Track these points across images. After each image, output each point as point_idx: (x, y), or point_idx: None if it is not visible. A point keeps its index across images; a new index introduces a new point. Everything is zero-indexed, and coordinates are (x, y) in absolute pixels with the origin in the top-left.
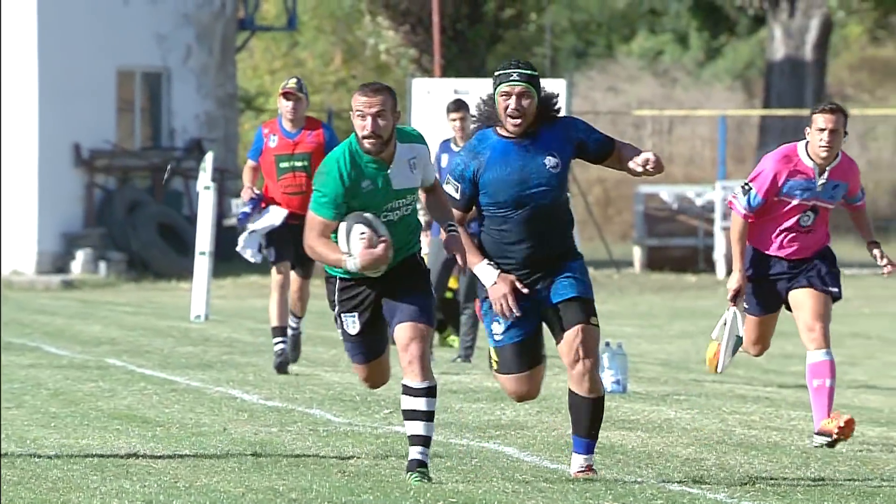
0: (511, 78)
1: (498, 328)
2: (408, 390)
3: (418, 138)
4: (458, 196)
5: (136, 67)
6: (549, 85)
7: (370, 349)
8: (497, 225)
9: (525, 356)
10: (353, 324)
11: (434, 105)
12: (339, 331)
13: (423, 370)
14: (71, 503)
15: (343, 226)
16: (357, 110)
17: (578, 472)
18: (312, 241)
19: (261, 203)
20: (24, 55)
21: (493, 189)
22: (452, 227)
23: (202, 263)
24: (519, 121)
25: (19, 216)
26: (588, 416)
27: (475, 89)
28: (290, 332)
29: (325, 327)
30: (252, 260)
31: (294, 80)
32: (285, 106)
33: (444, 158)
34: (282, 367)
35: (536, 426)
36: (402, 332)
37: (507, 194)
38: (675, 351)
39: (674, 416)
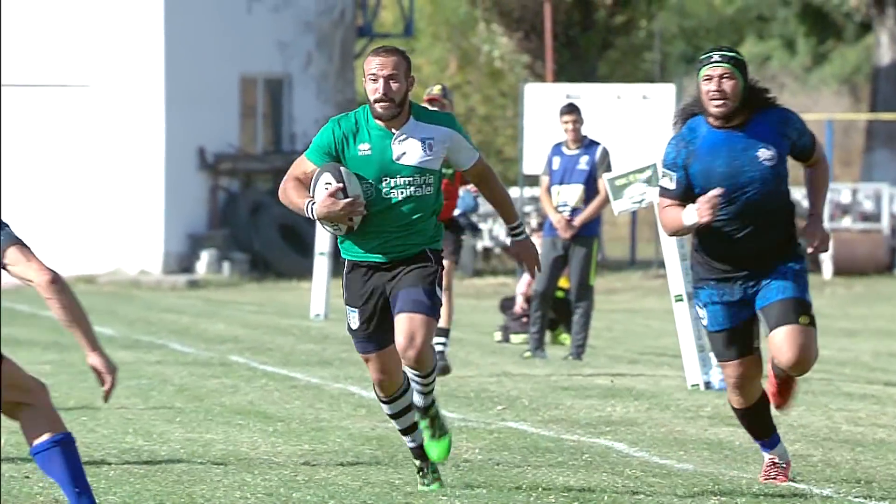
0: (712, 60)
1: (702, 313)
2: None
3: (447, 121)
4: (673, 185)
5: (258, 74)
6: (660, 89)
7: (372, 340)
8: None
9: (732, 345)
10: (353, 318)
11: (546, 109)
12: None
13: (423, 363)
14: (195, 495)
15: (317, 172)
16: (370, 73)
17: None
18: (286, 184)
19: None
20: (152, 63)
21: (702, 181)
22: (515, 230)
23: (321, 263)
24: (720, 102)
25: (147, 218)
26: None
27: (587, 94)
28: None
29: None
30: None
31: (439, 86)
32: None
33: (556, 161)
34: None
35: (646, 422)
36: (401, 323)
37: (717, 187)
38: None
39: (778, 413)
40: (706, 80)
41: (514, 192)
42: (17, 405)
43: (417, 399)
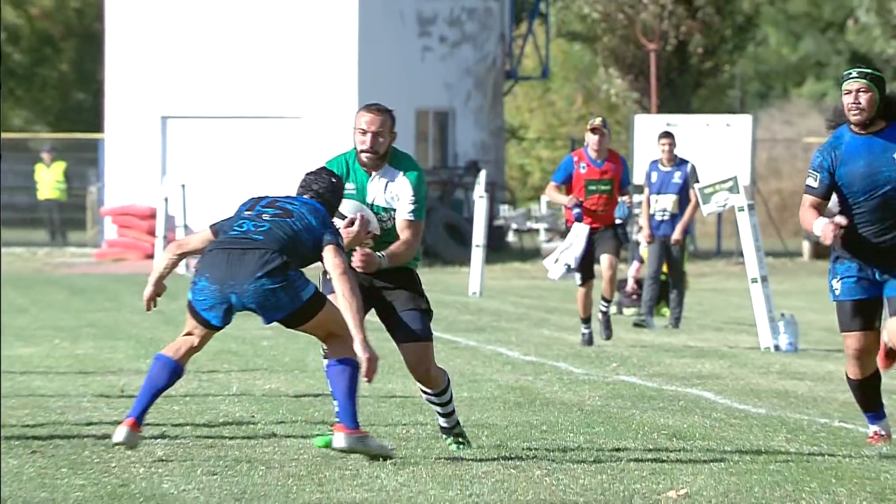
0: (851, 76)
1: (836, 285)
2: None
3: (409, 169)
4: (816, 185)
5: (429, 108)
6: (739, 119)
7: None
8: (852, 213)
9: (857, 316)
10: None
11: (652, 135)
12: None
13: (433, 381)
14: (378, 432)
15: (345, 202)
16: (359, 127)
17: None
18: None
19: (582, 205)
20: (348, 98)
21: (846, 181)
22: (382, 254)
23: (478, 253)
24: (857, 112)
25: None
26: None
27: (682, 123)
28: (600, 315)
29: (570, 300)
30: (555, 279)
31: (599, 118)
32: (592, 139)
33: (654, 175)
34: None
35: (728, 376)
36: (408, 352)
37: (858, 186)
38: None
39: (833, 369)
40: (846, 93)
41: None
42: (332, 334)
43: (441, 422)
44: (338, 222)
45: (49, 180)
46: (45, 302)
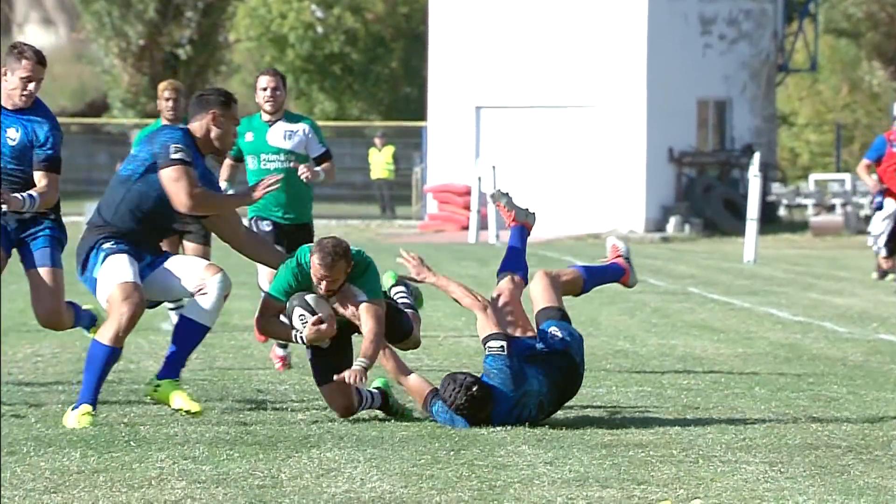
0: None
1: None
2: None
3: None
4: None
5: (709, 97)
6: None
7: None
8: None
9: None
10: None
11: None
12: None
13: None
14: (665, 375)
15: (288, 306)
16: (314, 275)
17: None
18: (262, 321)
19: (883, 193)
20: (637, 90)
21: None
22: None
23: (752, 225)
24: None
25: (633, 195)
26: None
27: None
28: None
29: (836, 268)
30: (871, 244)
31: None
32: None
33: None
34: None
35: None
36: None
37: None
38: None
39: None
40: None
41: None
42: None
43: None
44: (297, 322)
45: (380, 162)
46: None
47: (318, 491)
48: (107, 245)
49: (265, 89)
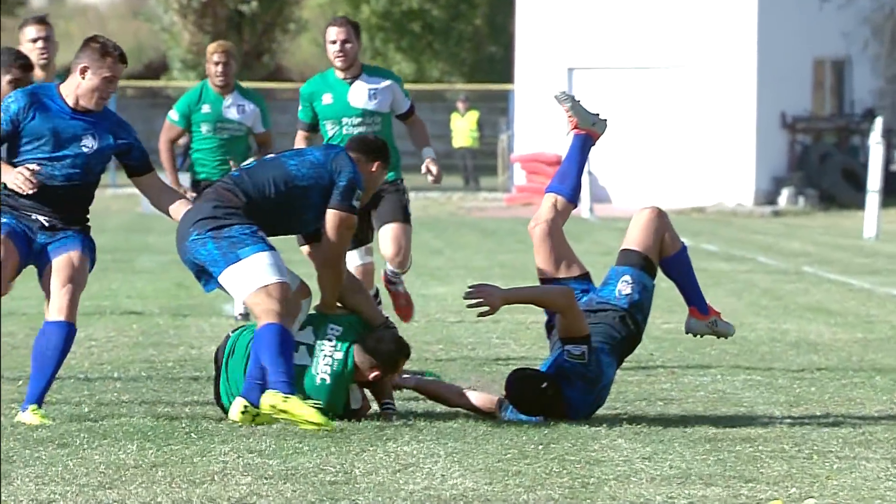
0: None
1: None
2: None
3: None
4: None
5: (826, 57)
6: None
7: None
8: None
9: None
10: None
11: None
12: None
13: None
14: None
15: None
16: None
17: None
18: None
19: None
20: (746, 49)
21: None
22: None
23: (873, 198)
24: None
25: (742, 165)
26: None
27: None
28: None
29: None
30: None
31: None
32: None
33: None
34: None
35: None
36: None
37: None
38: None
39: None
40: None
41: None
42: None
43: None
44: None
45: (463, 128)
46: (459, 243)
47: (395, 488)
48: (250, 231)
49: (334, 42)
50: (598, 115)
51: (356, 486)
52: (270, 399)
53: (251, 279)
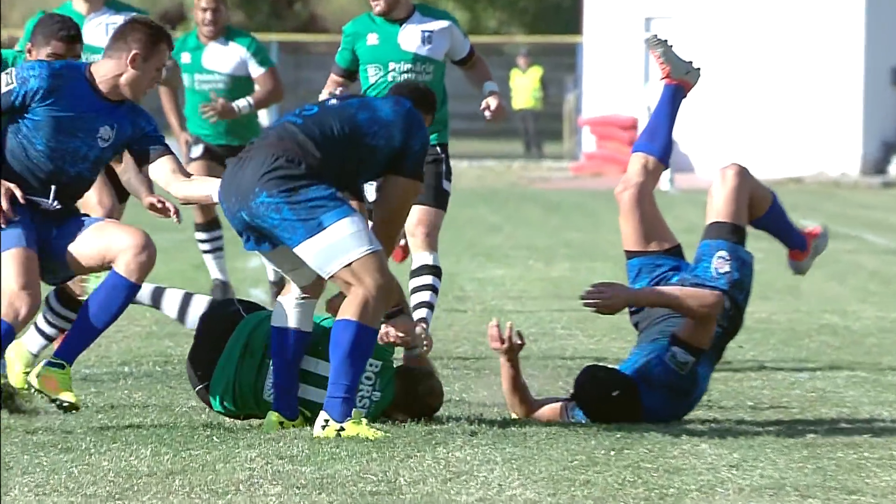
0: None
1: None
2: None
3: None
4: None
5: None
6: None
7: None
8: None
9: None
10: None
11: None
12: None
13: None
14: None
15: None
16: None
17: None
18: None
19: None
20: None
21: None
22: None
23: None
24: None
25: (847, 129)
26: None
27: None
28: None
29: None
30: None
31: None
32: None
33: None
34: None
35: None
36: None
37: None
38: None
39: None
40: None
41: None
42: None
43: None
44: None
45: (525, 87)
46: (520, 219)
47: (446, 499)
48: (329, 194)
49: None
50: (691, 62)
51: (401, 496)
52: (326, 433)
53: (337, 251)
